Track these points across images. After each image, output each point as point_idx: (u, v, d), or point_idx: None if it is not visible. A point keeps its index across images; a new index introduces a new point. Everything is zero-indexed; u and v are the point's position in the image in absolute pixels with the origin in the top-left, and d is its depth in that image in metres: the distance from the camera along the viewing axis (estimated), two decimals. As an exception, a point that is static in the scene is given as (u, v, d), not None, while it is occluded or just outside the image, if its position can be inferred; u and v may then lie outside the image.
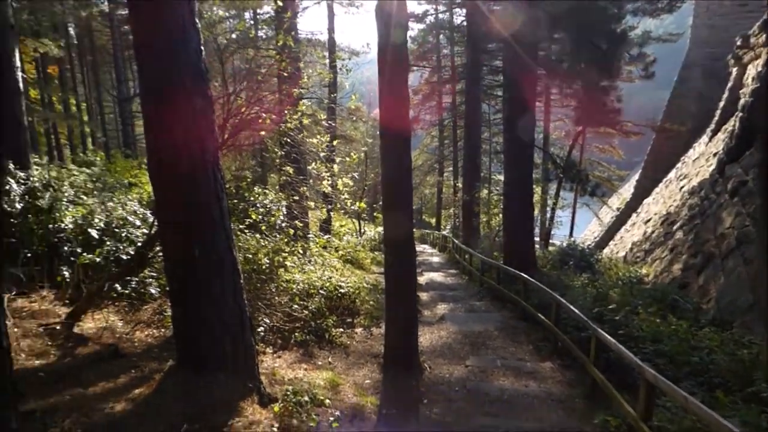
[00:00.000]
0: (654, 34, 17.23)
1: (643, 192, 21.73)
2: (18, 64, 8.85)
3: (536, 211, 18.20)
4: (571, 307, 6.93)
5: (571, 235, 22.17)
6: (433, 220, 36.68)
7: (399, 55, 5.69)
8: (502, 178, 17.82)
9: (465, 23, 20.75)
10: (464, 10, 20.69)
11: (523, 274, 9.56)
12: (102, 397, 3.94)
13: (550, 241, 20.93)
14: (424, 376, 6.78)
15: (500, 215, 17.33)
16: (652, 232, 14.49)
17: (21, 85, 8.88)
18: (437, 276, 15.64)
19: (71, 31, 27.31)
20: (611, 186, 25.52)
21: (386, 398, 5.90)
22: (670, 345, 6.25)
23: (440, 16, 24.83)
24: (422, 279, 14.33)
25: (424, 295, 11.84)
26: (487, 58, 21.78)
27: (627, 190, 26.54)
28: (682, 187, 14.71)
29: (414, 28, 24.61)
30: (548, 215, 21.46)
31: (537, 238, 18.05)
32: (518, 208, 11.97)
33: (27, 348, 4.68)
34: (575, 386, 6.40)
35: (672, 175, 18.37)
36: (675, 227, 12.57)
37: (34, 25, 17.95)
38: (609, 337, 5.59)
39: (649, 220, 16.13)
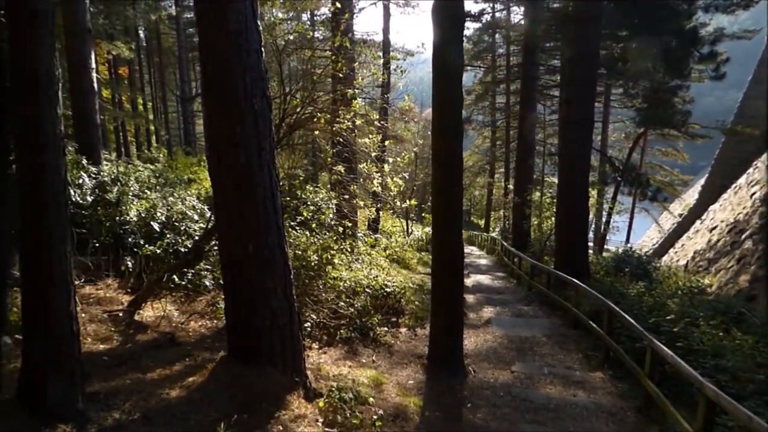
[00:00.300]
0: (727, 31, 16.13)
1: (708, 198, 20.41)
2: (93, 65, 9.48)
3: (591, 216, 17.53)
4: (626, 316, 6.63)
5: (627, 241, 21.22)
6: (482, 222, 36.13)
7: (454, 55, 5.63)
8: (555, 180, 17.29)
9: (522, 22, 20.25)
10: (522, 9, 20.18)
11: (574, 279, 9.23)
12: (159, 382, 4.14)
13: (605, 246, 20.13)
14: (468, 379, 6.66)
15: (552, 219, 16.83)
16: (718, 240, 13.61)
17: (95, 85, 9.51)
18: (484, 279, 15.38)
19: (141, 34, 28.92)
20: (673, 191, 24.19)
21: (429, 400, 5.86)
22: (734, 360, 5.84)
23: (497, 14, 24.36)
24: (469, 281, 14.13)
25: (470, 298, 11.66)
26: (544, 57, 21.16)
27: (691, 196, 25.04)
28: (753, 194, 13.70)
29: (469, 28, 24.27)
30: (603, 220, 20.63)
31: (590, 244, 17.40)
32: (572, 212, 11.56)
33: (93, 333, 5.00)
34: (627, 399, 6.11)
35: (742, 180, 17.13)
36: (744, 236, 11.74)
37: (108, 28, 19.14)
38: (666, 349, 5.30)
39: (714, 228, 15.14)
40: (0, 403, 2.88)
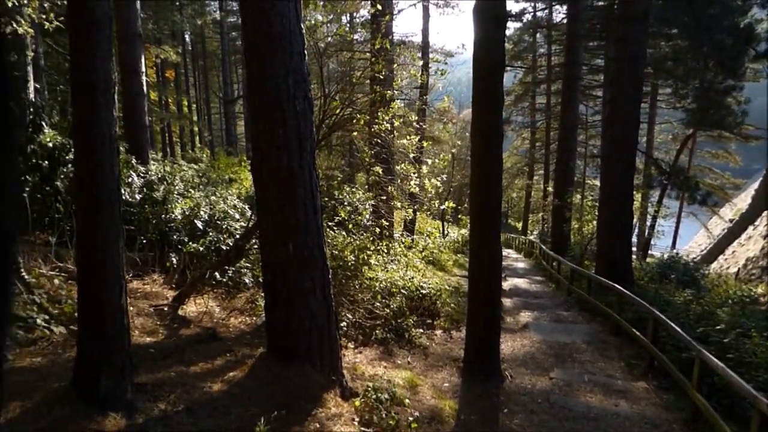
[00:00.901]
0: (787, 27, 15.23)
1: (762, 203, 19.37)
2: (143, 69, 9.89)
3: (634, 220, 16.93)
4: (672, 324, 6.38)
5: (673, 246, 20.42)
6: (519, 225, 35.54)
7: (496, 55, 5.56)
8: (597, 183, 16.76)
9: (565, 21, 19.77)
10: (565, 7, 19.70)
11: (617, 285, 8.95)
12: (201, 376, 4.26)
13: (649, 252, 19.40)
14: (505, 384, 6.55)
15: (594, 222, 16.36)
16: (774, 248, 12.89)
17: (144, 88, 9.92)
18: (522, 282, 15.10)
19: (187, 38, 29.96)
20: (724, 195, 23.10)
21: (465, 403, 5.80)
22: (789, 374, 5.53)
23: (538, 14, 23.92)
24: (505, 284, 13.89)
25: (507, 302, 11.48)
26: (587, 56, 20.60)
27: (743, 200, 23.85)
28: (813, 200, 12.92)
29: (510, 27, 23.94)
30: (648, 224, 19.89)
31: (633, 248, 16.82)
32: (615, 216, 11.20)
33: (140, 326, 5.20)
34: (673, 411, 5.86)
35: (801, 185, 16.17)
36: (803, 245, 11.07)
37: (157, 33, 19.93)
38: (716, 360, 5.06)
39: (769, 235, 14.34)
40: (57, 391, 3.05)
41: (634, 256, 14.51)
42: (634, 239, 19.02)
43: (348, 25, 16.31)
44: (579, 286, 11.69)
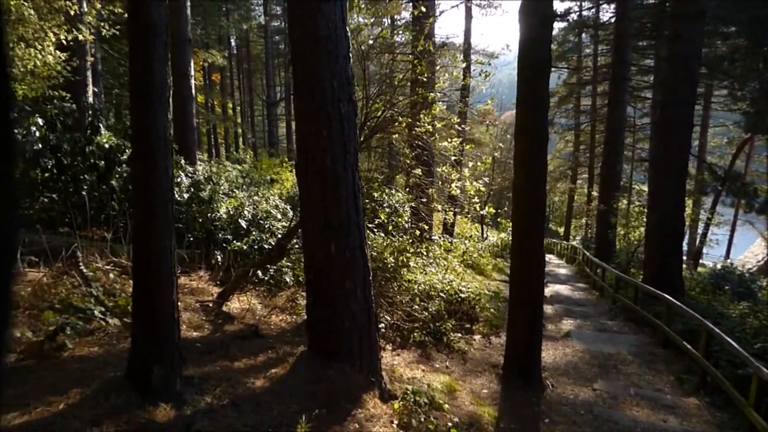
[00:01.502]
0: None
1: (829, 212, 18.07)
2: (192, 72, 10.27)
3: (685, 227, 16.20)
4: (727, 338, 6.08)
5: (727, 256, 19.45)
6: (561, 230, 34.64)
7: (541, 56, 5.45)
8: (644, 188, 16.15)
9: (613, 20, 19.16)
10: (612, 6, 19.10)
11: (666, 295, 8.59)
12: (245, 371, 4.37)
13: (700, 261, 18.51)
14: (546, 393, 6.40)
15: (641, 229, 15.75)
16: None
17: (193, 91, 10.30)
18: (563, 289, 14.72)
19: (232, 42, 30.90)
20: (785, 203, 21.65)
21: (504, 411, 5.69)
22: None
23: (584, 13, 23.31)
24: (546, 291, 13.55)
25: (548, 309, 11.19)
26: (635, 56, 19.88)
27: (807, 209, 22.29)
28: None
29: (554, 27, 23.33)
30: (699, 232, 18.97)
31: (684, 257, 16.10)
32: (665, 223, 10.74)
33: (187, 321, 5.38)
34: (726, 429, 5.58)
35: None
36: None
37: (204, 37, 20.65)
38: (777, 378, 4.77)
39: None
40: (112, 380, 3.20)
41: (684, 265, 13.91)
42: (684, 247, 18.22)
43: (389, 27, 16.39)
44: (625, 295, 11.33)
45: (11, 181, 0.82)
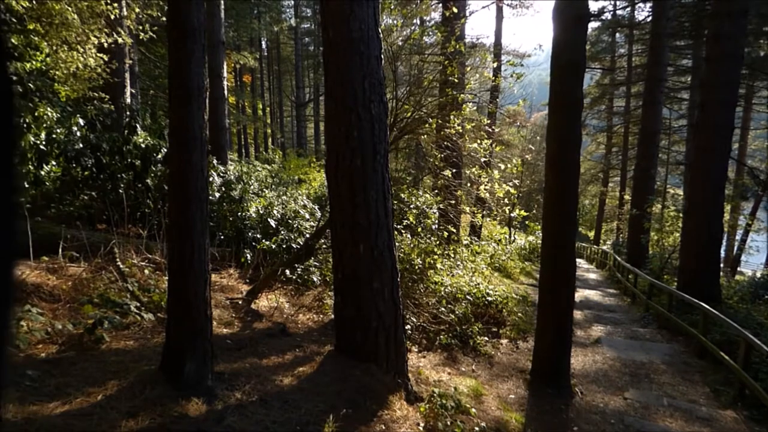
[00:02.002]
0: None
1: None
2: (225, 74, 10.49)
3: (724, 233, 15.64)
4: (768, 349, 5.81)
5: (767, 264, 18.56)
6: (591, 234, 33.91)
7: (576, 56, 5.35)
8: (680, 192, 15.66)
9: (648, 19, 18.65)
10: (648, 5, 18.61)
11: (702, 303, 8.30)
12: (273, 369, 4.43)
13: (738, 269, 17.82)
14: (575, 401, 6.27)
15: (675, 234, 15.27)
16: None
17: (226, 92, 10.51)
18: (593, 294, 14.40)
19: (263, 44, 31.41)
20: (831, 210, 20.70)
21: (532, 418, 5.60)
22: None
23: (618, 12, 22.77)
24: (576, 296, 13.29)
25: (577, 314, 10.97)
26: (672, 56, 19.29)
27: None
28: None
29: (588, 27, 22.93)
30: (738, 238, 18.27)
31: (721, 264, 15.54)
32: (702, 229, 10.38)
33: (217, 317, 5.49)
34: (766, 445, 5.34)
35: None
36: None
37: (236, 40, 21.05)
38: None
39: None
40: (147, 373, 3.29)
41: (721, 273, 13.43)
42: (722, 254, 17.59)
43: (419, 29, 16.37)
44: (658, 302, 11.00)
45: (11, 167, 0.84)
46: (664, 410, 6.13)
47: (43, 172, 6.56)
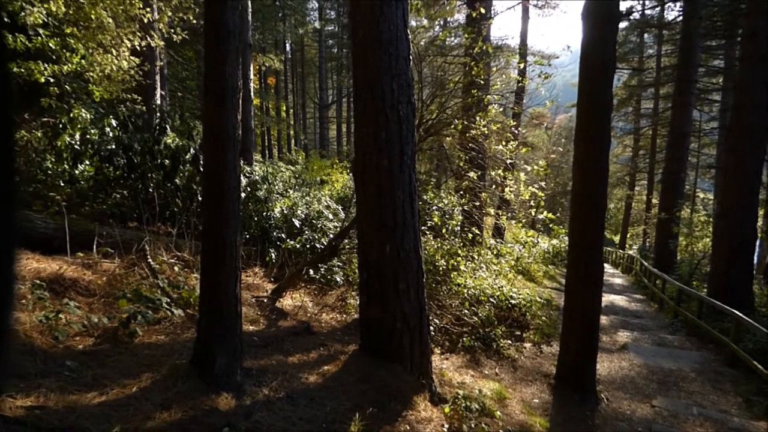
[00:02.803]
0: None
1: None
2: (251, 76, 10.66)
3: (757, 239, 15.16)
4: (806, 361, 5.61)
5: (803, 272, 17.88)
6: (617, 238, 33.25)
7: (605, 57, 5.28)
8: (710, 196, 15.25)
9: (679, 19, 18.22)
10: (679, 4, 18.18)
11: (734, 310, 8.07)
12: (299, 366, 4.48)
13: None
14: (600, 407, 6.15)
15: (705, 240, 14.87)
16: None
17: (252, 94, 10.68)
18: (619, 299, 14.13)
19: (287, 46, 31.79)
20: None
21: (557, 423, 5.53)
22: None
23: (647, 12, 22.32)
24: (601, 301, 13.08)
25: (603, 319, 10.76)
26: (703, 57, 18.81)
27: None
28: None
29: (616, 27, 22.52)
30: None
31: (753, 271, 15.06)
32: (735, 234, 10.09)
33: (244, 315, 5.56)
34: (802, 458, 5.15)
35: None
36: None
37: (261, 42, 21.36)
38: None
39: None
40: (179, 367, 3.37)
41: (754, 280, 13.02)
42: (755, 261, 17.03)
43: (446, 30, 16.33)
44: (687, 309, 10.73)
45: (11, 160, 0.86)
46: (694, 419, 5.98)
47: (77, 171, 6.78)
